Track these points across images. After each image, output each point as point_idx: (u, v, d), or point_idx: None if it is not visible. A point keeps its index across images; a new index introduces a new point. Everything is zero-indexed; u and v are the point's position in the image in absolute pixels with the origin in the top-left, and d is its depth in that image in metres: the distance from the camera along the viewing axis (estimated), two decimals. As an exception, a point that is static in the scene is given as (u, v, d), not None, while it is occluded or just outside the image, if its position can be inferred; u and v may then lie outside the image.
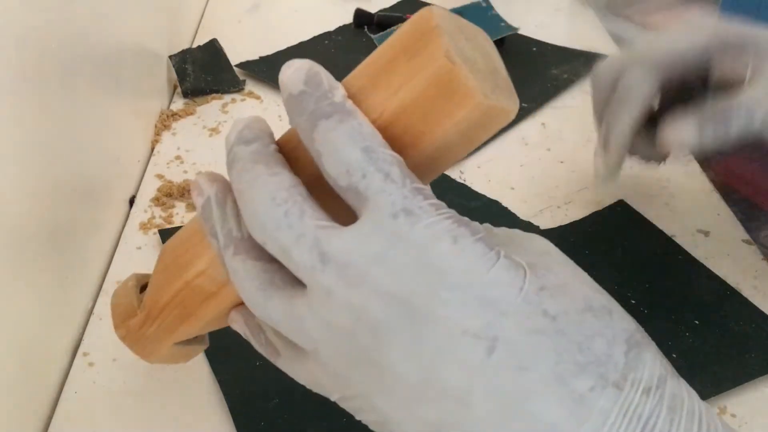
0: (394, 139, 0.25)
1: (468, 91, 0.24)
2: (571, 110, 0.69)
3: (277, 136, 0.28)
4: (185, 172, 0.63)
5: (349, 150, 0.23)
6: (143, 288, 0.35)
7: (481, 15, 0.81)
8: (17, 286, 0.40)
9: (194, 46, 0.82)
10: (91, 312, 0.49)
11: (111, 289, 0.51)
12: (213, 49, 0.79)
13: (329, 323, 0.24)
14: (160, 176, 0.62)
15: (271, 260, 0.26)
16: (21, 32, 0.41)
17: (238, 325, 0.30)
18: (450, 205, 0.24)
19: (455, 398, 0.22)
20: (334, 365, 0.25)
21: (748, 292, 0.48)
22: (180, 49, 0.78)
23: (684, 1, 1.48)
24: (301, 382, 0.29)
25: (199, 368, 0.44)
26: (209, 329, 0.33)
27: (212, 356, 0.45)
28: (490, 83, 0.25)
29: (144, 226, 0.56)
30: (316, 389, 0.28)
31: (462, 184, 0.60)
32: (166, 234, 0.55)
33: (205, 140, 0.67)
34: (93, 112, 0.53)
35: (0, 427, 0.38)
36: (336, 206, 0.25)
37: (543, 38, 0.83)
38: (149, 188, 0.61)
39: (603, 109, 0.47)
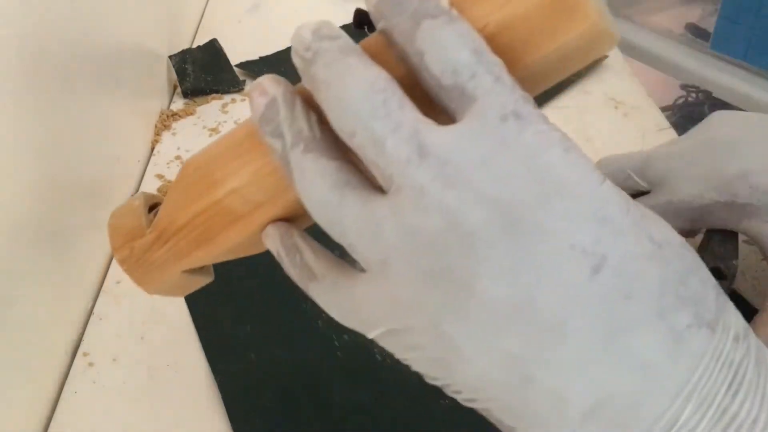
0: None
1: (586, 9, 0.23)
2: (571, 110, 0.69)
3: None
4: (185, 172, 0.63)
5: (458, 49, 0.22)
6: (151, 210, 0.32)
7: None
8: (17, 286, 0.40)
9: (194, 46, 0.82)
10: (91, 312, 0.49)
11: (111, 289, 0.51)
12: (213, 49, 0.79)
13: (413, 228, 0.22)
14: (160, 176, 0.62)
15: (347, 162, 0.24)
16: (21, 32, 0.41)
17: (272, 242, 0.28)
18: None
19: (548, 326, 0.20)
20: (403, 283, 0.22)
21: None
22: (180, 49, 0.78)
23: (684, 1, 1.48)
24: (334, 313, 0.26)
25: (198, 368, 0.44)
26: (223, 258, 0.30)
27: (211, 356, 0.45)
28: (599, 5, 0.24)
29: (144, 226, 0.56)
30: (352, 323, 0.25)
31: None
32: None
33: (205, 140, 0.67)
34: (93, 112, 0.53)
35: (0, 427, 0.38)
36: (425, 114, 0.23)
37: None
38: (149, 188, 0.61)
39: None
